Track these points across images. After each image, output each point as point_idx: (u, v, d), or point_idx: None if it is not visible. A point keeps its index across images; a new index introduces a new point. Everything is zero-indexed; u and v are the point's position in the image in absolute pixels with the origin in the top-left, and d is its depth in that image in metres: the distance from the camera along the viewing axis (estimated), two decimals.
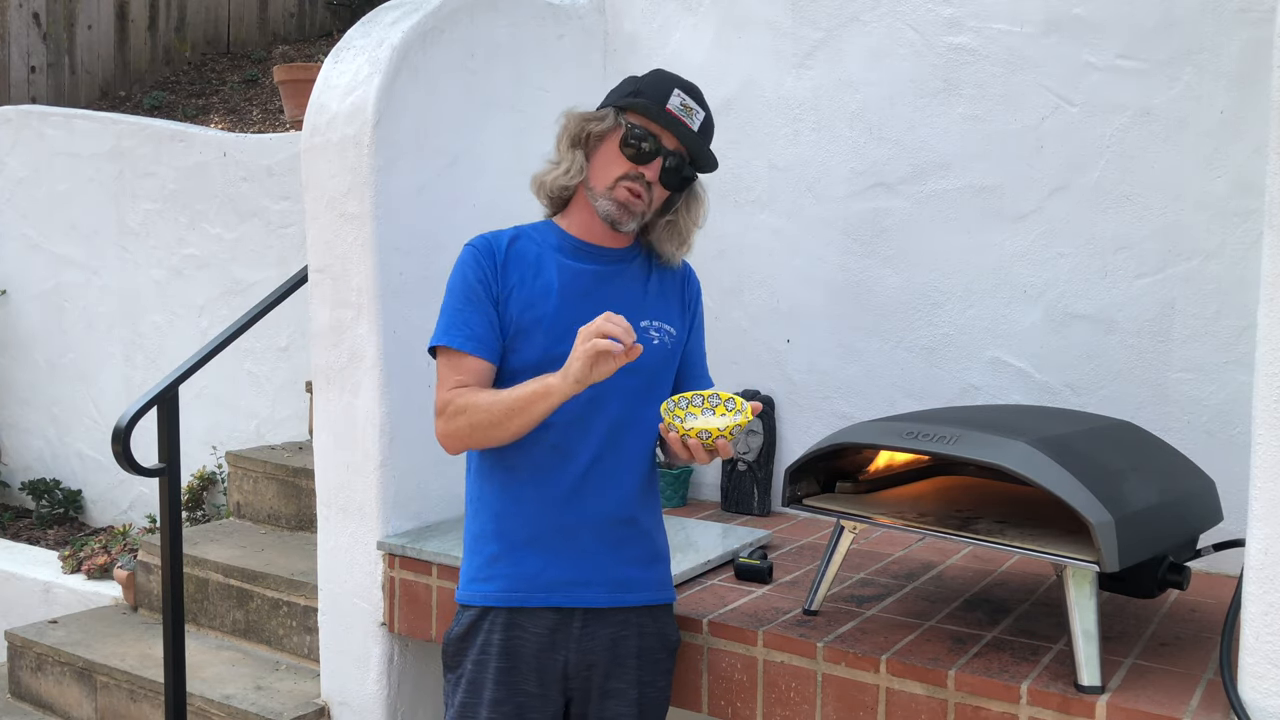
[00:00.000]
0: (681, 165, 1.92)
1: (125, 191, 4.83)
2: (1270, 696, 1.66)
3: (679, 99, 1.91)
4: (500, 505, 1.93)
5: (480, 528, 1.96)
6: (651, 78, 1.95)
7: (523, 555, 1.91)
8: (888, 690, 1.94)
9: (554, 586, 1.90)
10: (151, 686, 3.01)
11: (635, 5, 3.20)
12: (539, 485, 1.91)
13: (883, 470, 2.26)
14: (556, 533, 1.91)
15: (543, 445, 1.89)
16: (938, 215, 2.79)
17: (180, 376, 2.79)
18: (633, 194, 1.90)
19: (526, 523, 1.91)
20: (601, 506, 1.92)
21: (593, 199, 1.93)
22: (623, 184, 1.89)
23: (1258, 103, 2.40)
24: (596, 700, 1.93)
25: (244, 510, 3.78)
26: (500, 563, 1.92)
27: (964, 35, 2.73)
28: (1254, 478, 1.66)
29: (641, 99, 1.90)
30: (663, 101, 1.89)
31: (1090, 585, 1.79)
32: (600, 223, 1.94)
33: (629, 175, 1.89)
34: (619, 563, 1.94)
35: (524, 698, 1.89)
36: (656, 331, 1.98)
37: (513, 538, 1.92)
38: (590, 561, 1.91)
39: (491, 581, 1.92)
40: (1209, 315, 2.48)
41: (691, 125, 1.91)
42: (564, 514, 1.91)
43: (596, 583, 1.92)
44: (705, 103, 1.96)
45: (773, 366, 3.05)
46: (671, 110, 1.89)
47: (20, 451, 5.34)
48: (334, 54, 2.68)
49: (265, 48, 7.76)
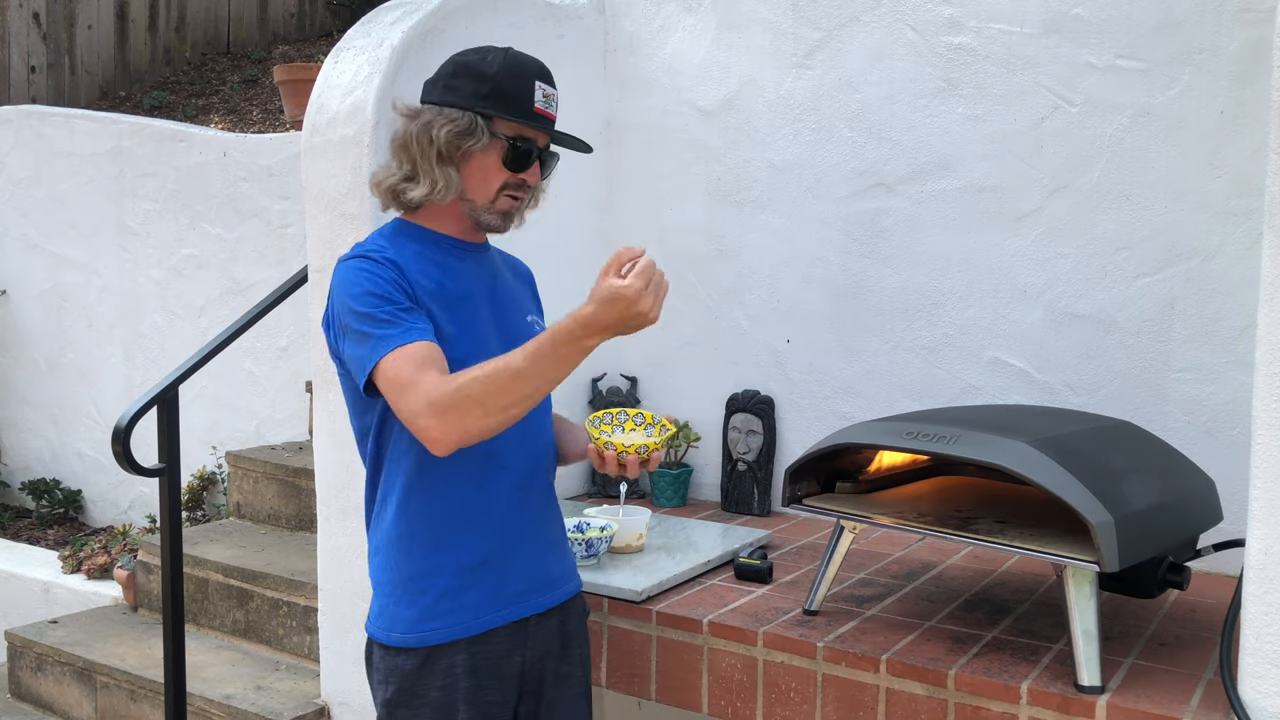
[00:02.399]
0: (550, 155, 1.88)
1: (125, 191, 4.83)
2: (1270, 696, 1.66)
3: (541, 92, 1.80)
4: (439, 538, 1.81)
5: (416, 567, 1.81)
6: (507, 69, 1.79)
7: (474, 580, 1.82)
8: (888, 690, 1.94)
9: (507, 601, 1.85)
10: (151, 686, 3.01)
11: (635, 5, 3.20)
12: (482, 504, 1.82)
13: (883, 470, 2.27)
14: (504, 547, 1.85)
15: (475, 457, 1.80)
16: (938, 215, 2.79)
17: (180, 376, 2.79)
18: (515, 200, 1.84)
19: (472, 548, 1.82)
20: (535, 510, 1.90)
21: (471, 211, 1.84)
22: (505, 194, 1.83)
23: (1258, 103, 2.40)
24: (551, 686, 1.92)
25: (244, 510, 3.78)
26: (452, 596, 1.81)
27: (964, 35, 2.73)
28: (1254, 478, 1.66)
29: (506, 102, 1.78)
30: (530, 101, 1.79)
31: (1090, 585, 1.79)
32: (471, 224, 1.87)
33: (510, 184, 1.82)
34: (554, 560, 1.94)
35: (489, 709, 1.85)
36: (539, 327, 1.97)
37: (460, 565, 1.81)
38: (535, 566, 1.89)
39: (447, 616, 1.81)
40: (1209, 315, 2.48)
41: (556, 117, 1.85)
42: (509, 527, 1.85)
43: (541, 585, 1.89)
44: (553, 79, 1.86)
45: (773, 366, 3.05)
46: (540, 110, 1.81)
47: (20, 451, 5.34)
48: (334, 54, 2.68)
49: (265, 48, 7.76)
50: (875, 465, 2.25)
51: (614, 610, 2.25)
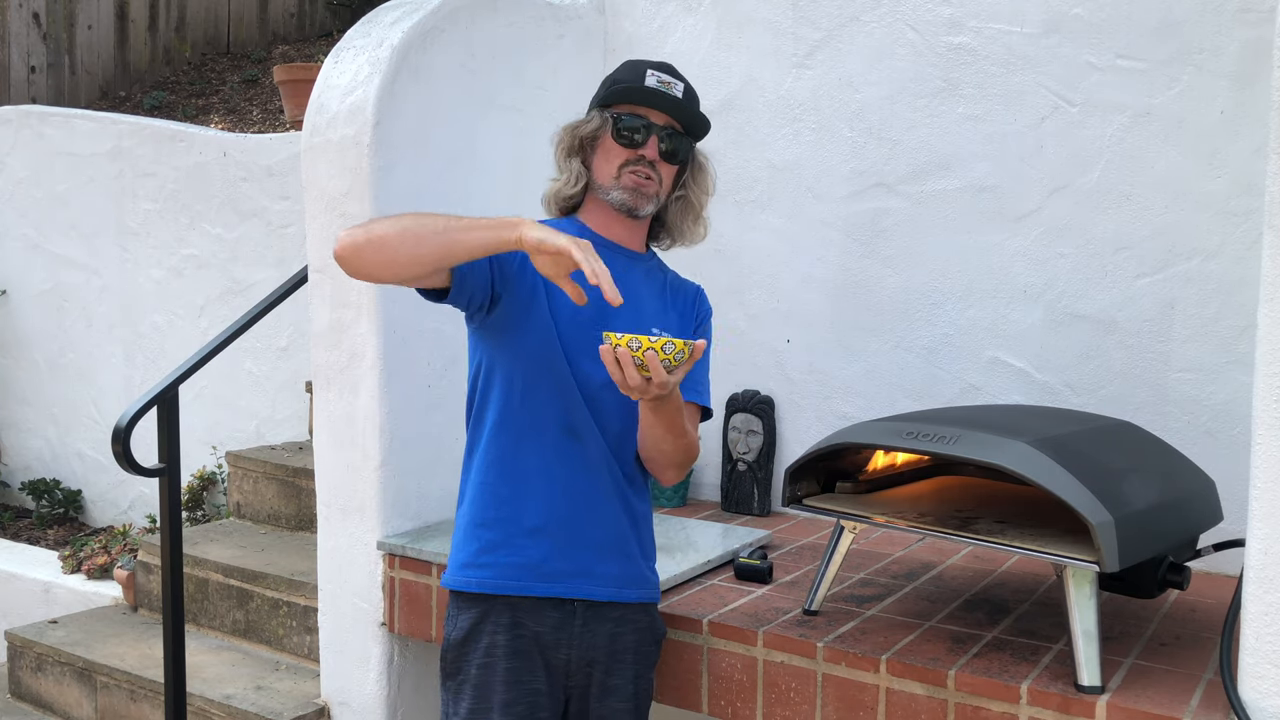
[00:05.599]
0: (676, 136, 1.94)
1: (125, 191, 4.83)
2: (1270, 696, 1.66)
3: (654, 77, 1.92)
4: (506, 491, 1.90)
5: (479, 515, 1.92)
6: (624, 66, 1.97)
7: (525, 543, 1.89)
8: (888, 690, 1.94)
9: (556, 576, 1.89)
10: (151, 686, 3.01)
11: (635, 5, 3.20)
12: (554, 474, 1.89)
13: (883, 470, 2.26)
14: (563, 523, 1.89)
15: (555, 428, 1.88)
16: (938, 215, 2.79)
17: (180, 376, 2.79)
18: (641, 177, 1.91)
19: (535, 511, 1.89)
20: (608, 504, 1.92)
21: (604, 195, 1.93)
22: (627, 171, 1.91)
23: (1258, 103, 2.40)
24: (596, 697, 1.93)
25: (244, 510, 3.78)
26: (500, 550, 1.90)
27: (964, 35, 2.73)
28: (1254, 478, 1.66)
29: (618, 86, 1.92)
30: (640, 82, 1.91)
31: (1090, 585, 1.79)
32: (617, 220, 1.95)
33: (629, 161, 1.90)
34: (620, 557, 1.94)
35: (534, 696, 1.88)
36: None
37: (517, 525, 1.89)
38: (593, 554, 1.91)
39: (489, 569, 1.90)
40: (1209, 315, 2.48)
41: (675, 95, 1.93)
42: (574, 507, 1.90)
43: (598, 575, 1.91)
44: (681, 75, 1.98)
45: (773, 366, 3.05)
46: (650, 87, 1.91)
47: (20, 451, 5.34)
48: (334, 54, 2.68)
49: (265, 48, 7.76)
50: (875, 465, 2.25)
51: None
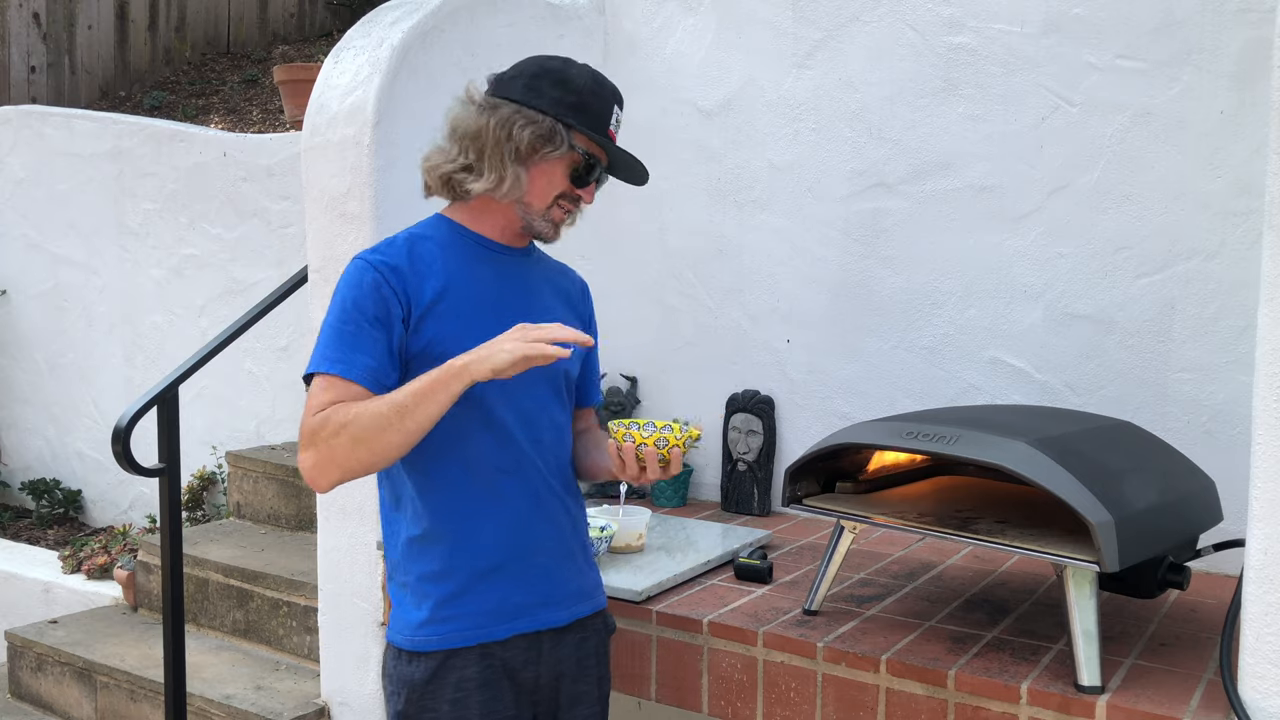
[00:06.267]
0: (604, 177, 1.88)
1: (125, 191, 4.83)
2: (1270, 696, 1.66)
3: (615, 117, 1.82)
4: (450, 540, 1.79)
5: (424, 569, 1.81)
6: (591, 91, 1.81)
7: (482, 586, 1.81)
8: (888, 690, 1.94)
9: (519, 612, 1.83)
10: (151, 686, 3.01)
11: (635, 5, 3.21)
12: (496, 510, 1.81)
13: (883, 470, 2.27)
14: (518, 555, 1.83)
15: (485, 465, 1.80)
16: (938, 215, 2.79)
17: (180, 376, 2.79)
18: (566, 213, 1.85)
19: (486, 551, 1.80)
20: (553, 521, 1.87)
21: (525, 215, 1.82)
22: (560, 203, 1.83)
23: (1258, 103, 2.40)
24: (565, 707, 1.91)
25: (244, 510, 3.78)
26: (461, 599, 1.80)
27: (964, 35, 2.73)
28: (1254, 478, 1.66)
29: (587, 118, 1.79)
30: (607, 124, 1.81)
31: (1090, 585, 1.79)
32: (512, 229, 1.86)
33: (567, 196, 1.82)
34: (573, 571, 1.91)
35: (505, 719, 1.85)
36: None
37: (471, 569, 1.80)
38: (549, 581, 1.87)
39: (457, 621, 1.80)
40: (1209, 315, 2.48)
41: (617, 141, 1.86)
42: (523, 535, 1.83)
43: (556, 601, 1.87)
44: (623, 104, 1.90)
45: (773, 366, 3.05)
46: (612, 133, 1.82)
47: (20, 451, 5.34)
48: (334, 54, 2.68)
49: (265, 48, 7.76)
50: (875, 465, 2.25)
51: (614, 610, 2.25)
